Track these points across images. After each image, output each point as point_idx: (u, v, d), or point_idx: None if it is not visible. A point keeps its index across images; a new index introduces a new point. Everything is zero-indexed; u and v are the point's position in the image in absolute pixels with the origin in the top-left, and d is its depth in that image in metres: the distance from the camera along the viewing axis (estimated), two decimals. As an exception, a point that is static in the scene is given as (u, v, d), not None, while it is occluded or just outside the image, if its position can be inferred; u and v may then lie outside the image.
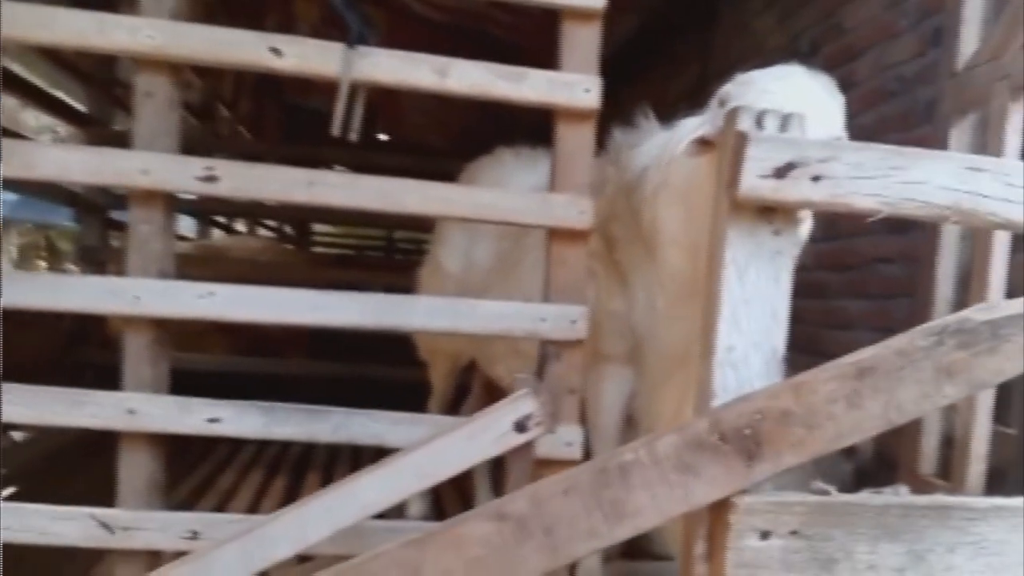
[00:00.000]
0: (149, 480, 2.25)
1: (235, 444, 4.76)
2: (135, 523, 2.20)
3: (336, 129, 2.24)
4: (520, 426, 1.97)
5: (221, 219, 9.05)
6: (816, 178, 1.14)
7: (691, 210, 2.27)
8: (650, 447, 1.13)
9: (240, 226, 10.28)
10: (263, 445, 4.74)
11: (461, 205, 2.31)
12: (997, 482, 2.08)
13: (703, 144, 2.11)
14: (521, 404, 1.98)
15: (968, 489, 2.08)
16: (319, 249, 11.26)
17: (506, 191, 2.42)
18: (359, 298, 2.29)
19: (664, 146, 2.36)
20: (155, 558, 2.27)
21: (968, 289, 2.23)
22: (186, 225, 9.10)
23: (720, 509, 1.16)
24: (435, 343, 3.47)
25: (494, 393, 3.57)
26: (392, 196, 2.26)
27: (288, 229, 11.06)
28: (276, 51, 2.20)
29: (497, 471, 2.97)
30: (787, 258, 1.19)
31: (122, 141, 2.29)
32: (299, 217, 9.65)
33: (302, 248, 10.00)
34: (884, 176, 1.14)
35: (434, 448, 1.96)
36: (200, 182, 2.20)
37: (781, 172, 1.13)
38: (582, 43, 2.30)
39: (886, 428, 1.17)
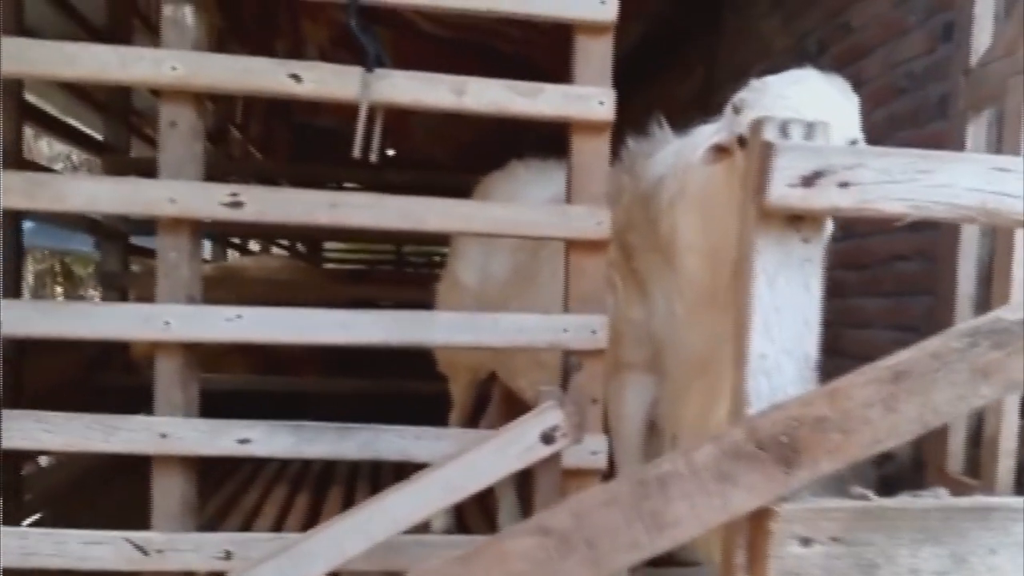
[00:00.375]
0: (182, 502, 2.28)
1: (259, 461, 4.79)
2: (169, 545, 2.23)
3: (357, 151, 2.26)
4: (547, 438, 1.99)
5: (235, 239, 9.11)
6: (844, 185, 1.15)
7: (708, 217, 2.29)
8: (688, 457, 1.14)
9: (254, 244, 10.35)
10: (286, 462, 4.78)
11: (481, 221, 2.33)
12: (1027, 478, 2.08)
13: (719, 151, 2.13)
14: (547, 416, 1.99)
15: (998, 486, 2.09)
16: (330, 265, 11.30)
17: (524, 205, 2.44)
18: (383, 316, 2.31)
19: (680, 154, 2.39)
20: (192, 579, 2.30)
21: (989, 286, 2.24)
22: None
23: (760, 517, 1.17)
24: (455, 356, 3.49)
25: (515, 405, 3.59)
26: (414, 215, 2.29)
27: (300, 246, 11.11)
28: (296, 77, 2.23)
29: (522, 482, 2.99)
30: (816, 265, 1.20)
31: (140, 168, 2.32)
32: (311, 235, 9.74)
33: (314, 265, 10.04)
34: (911, 180, 1.16)
35: (463, 462, 1.97)
36: (226, 208, 2.22)
37: (809, 180, 1.14)
38: (595, 56, 2.32)
39: (922, 431, 1.18)
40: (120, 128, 5.25)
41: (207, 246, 8.99)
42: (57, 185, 2.21)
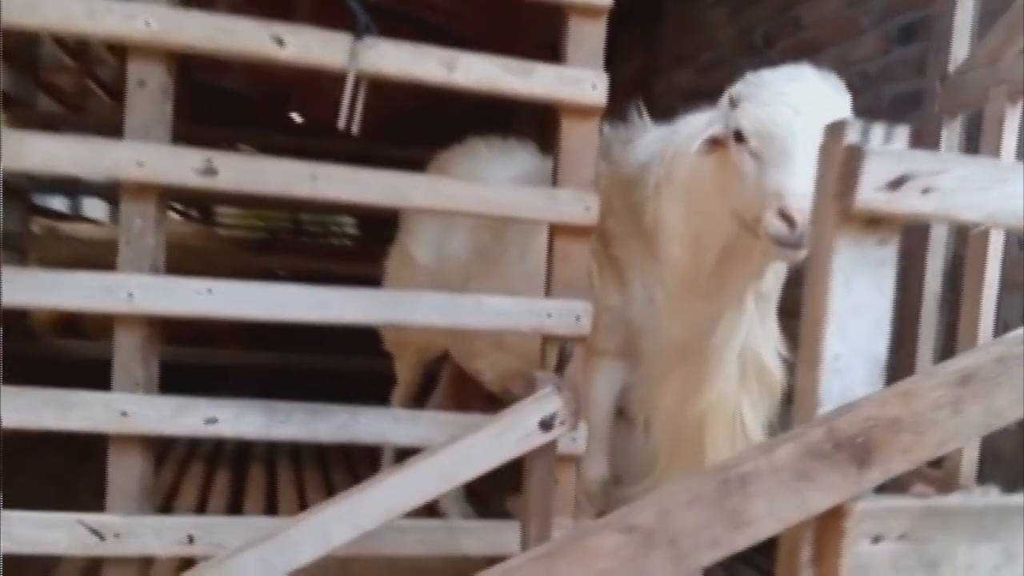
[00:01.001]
0: (140, 484, 2.16)
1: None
2: (127, 529, 2.11)
3: (342, 122, 2.17)
4: (545, 425, 1.96)
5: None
6: (926, 191, 1.16)
7: (695, 206, 2.29)
8: (769, 456, 1.14)
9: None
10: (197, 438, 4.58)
11: (467, 201, 2.27)
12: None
13: (714, 143, 2.13)
14: (546, 403, 1.96)
15: (962, 476, 2.18)
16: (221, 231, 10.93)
17: (512, 186, 2.38)
18: (362, 294, 2.23)
19: (667, 141, 2.37)
20: (147, 565, 2.18)
21: (955, 284, 2.32)
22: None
23: (834, 516, 1.17)
24: (404, 335, 3.40)
25: (464, 386, 3.55)
26: (398, 191, 2.22)
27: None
28: (279, 40, 2.12)
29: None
30: (890, 267, 1.21)
31: (48, 124, 2.14)
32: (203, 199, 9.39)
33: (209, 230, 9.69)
34: (988, 189, 1.17)
35: (458, 449, 1.93)
36: (198, 175, 2.10)
37: (894, 185, 1.14)
38: (588, 38, 2.29)
39: (984, 433, 1.20)
40: (26, 81, 4.92)
41: (102, 207, 8.61)
42: (13, 142, 2.03)
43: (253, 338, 5.46)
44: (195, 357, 5.11)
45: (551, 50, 2.34)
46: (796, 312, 1.34)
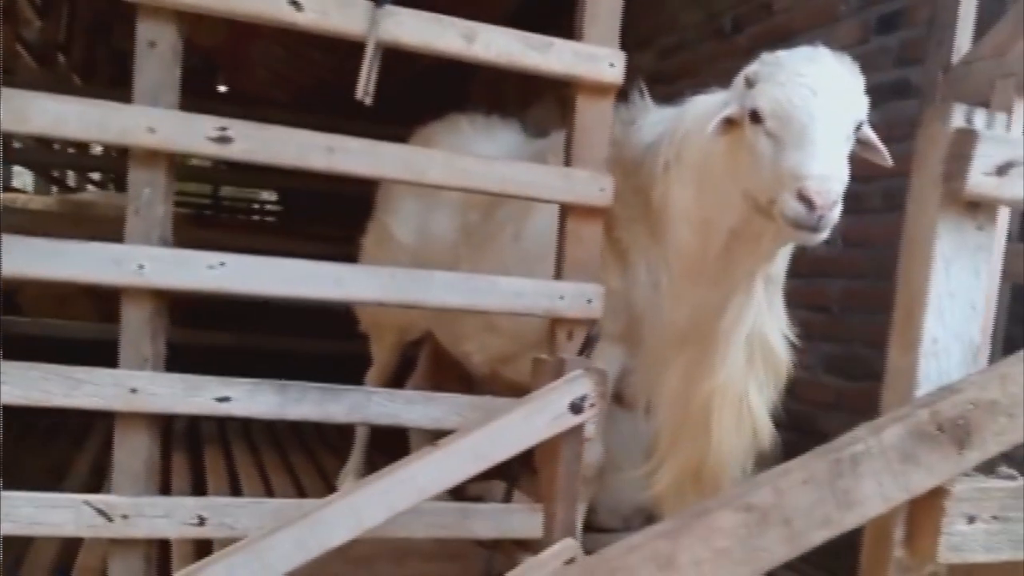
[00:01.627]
0: (147, 464, 2.08)
1: (89, 414, 4.32)
2: (136, 510, 2.03)
3: (360, 92, 2.11)
4: (576, 407, 1.97)
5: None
6: (1033, 177, 1.18)
7: (704, 187, 2.29)
8: (878, 437, 1.16)
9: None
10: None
11: (483, 178, 2.24)
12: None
13: (729, 123, 2.13)
14: (577, 385, 1.97)
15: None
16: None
17: (528, 165, 2.35)
18: (379, 272, 2.19)
19: (676, 122, 2.37)
20: (152, 547, 2.10)
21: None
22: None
23: (933, 496, 1.20)
24: (382, 315, 3.33)
25: (444, 369, 3.51)
26: (415, 166, 2.17)
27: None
28: (296, 4, 2.05)
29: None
30: (987, 252, 1.24)
31: None
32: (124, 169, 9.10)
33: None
34: (1086, 177, 1.21)
35: (490, 430, 1.92)
36: (212, 143, 2.03)
37: (1002, 170, 1.17)
38: (603, 15, 2.27)
39: (1068, 415, 1.24)
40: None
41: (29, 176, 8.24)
42: (20, 103, 1.92)
43: (203, 317, 5.29)
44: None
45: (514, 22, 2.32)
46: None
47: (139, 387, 2.01)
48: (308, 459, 4.14)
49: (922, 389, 1.23)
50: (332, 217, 6.48)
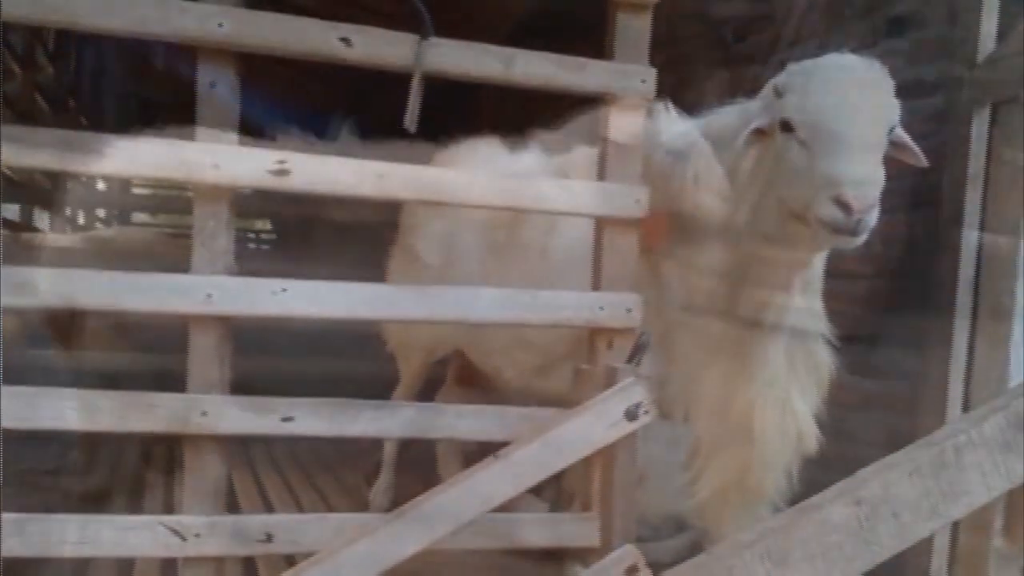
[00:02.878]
0: (216, 484, 2.16)
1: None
2: (209, 529, 2.11)
3: (408, 122, 2.22)
4: (631, 415, 2.06)
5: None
6: None
7: (737, 196, 2.37)
8: (979, 428, 1.24)
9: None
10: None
11: (522, 196, 2.34)
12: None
13: (759, 134, 2.24)
14: (631, 392, 2.07)
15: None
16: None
17: (566, 182, 2.46)
18: (431, 293, 2.29)
19: (703, 133, 2.46)
20: (220, 564, 2.19)
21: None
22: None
23: (1032, 486, 1.29)
24: (411, 334, 3.43)
25: (470, 386, 3.60)
26: (457, 188, 2.28)
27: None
28: (346, 41, 2.16)
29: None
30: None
31: None
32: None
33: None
34: None
35: (550, 439, 2.01)
36: (272, 176, 2.13)
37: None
38: (634, 33, 2.38)
39: None
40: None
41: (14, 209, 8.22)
42: (94, 145, 2.02)
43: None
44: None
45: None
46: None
47: (210, 410, 2.10)
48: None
49: (1014, 380, 1.33)
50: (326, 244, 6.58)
